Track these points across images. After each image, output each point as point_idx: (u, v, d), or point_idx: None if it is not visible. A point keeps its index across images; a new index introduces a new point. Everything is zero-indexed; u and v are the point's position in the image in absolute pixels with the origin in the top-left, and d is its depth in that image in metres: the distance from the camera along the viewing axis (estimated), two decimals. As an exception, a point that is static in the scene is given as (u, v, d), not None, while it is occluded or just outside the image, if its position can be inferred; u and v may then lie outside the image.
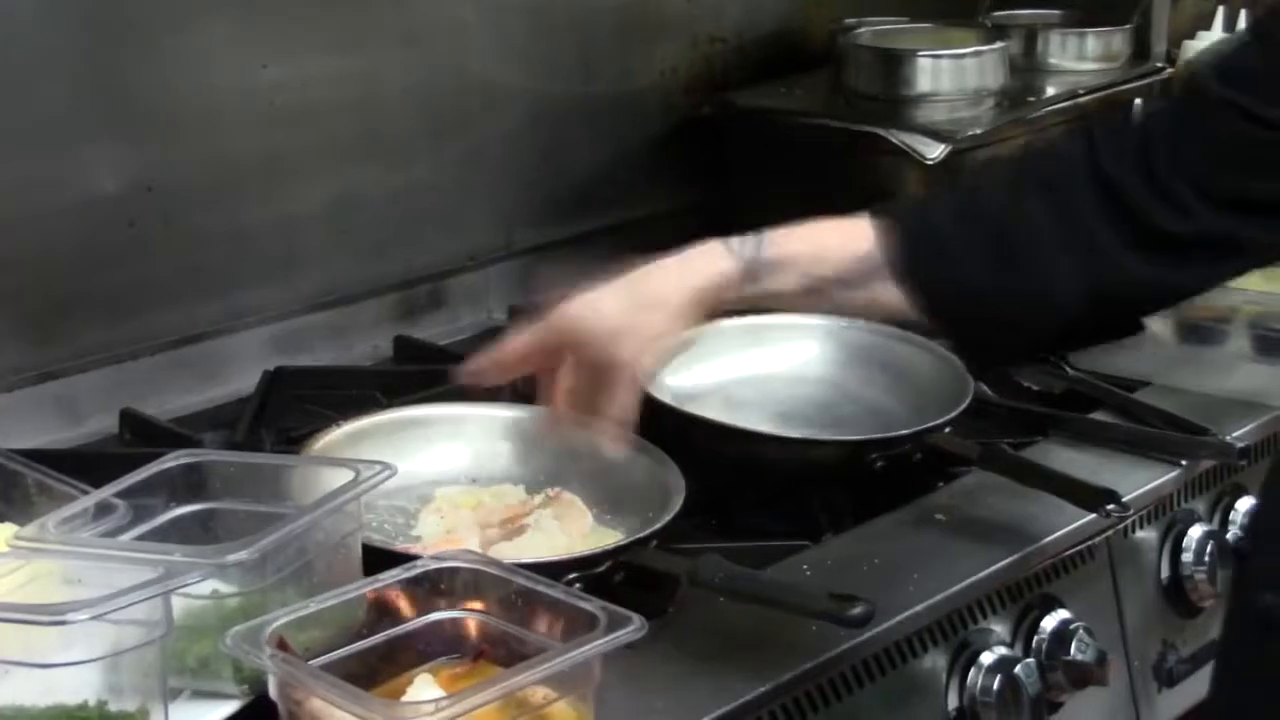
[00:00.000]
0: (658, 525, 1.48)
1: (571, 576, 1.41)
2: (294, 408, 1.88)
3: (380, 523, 1.55)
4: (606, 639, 1.19)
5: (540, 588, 1.26)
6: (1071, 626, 1.63)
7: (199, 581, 1.22)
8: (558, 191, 2.30)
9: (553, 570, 1.37)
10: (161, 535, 1.34)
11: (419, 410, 1.71)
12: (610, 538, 1.52)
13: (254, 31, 1.95)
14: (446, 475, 1.65)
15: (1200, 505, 1.84)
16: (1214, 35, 2.66)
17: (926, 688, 1.53)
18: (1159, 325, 1.94)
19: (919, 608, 1.49)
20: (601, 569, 1.45)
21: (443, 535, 1.54)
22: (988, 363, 1.74)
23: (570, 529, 1.55)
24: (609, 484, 1.59)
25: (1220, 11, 2.68)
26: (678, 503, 1.51)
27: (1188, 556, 1.80)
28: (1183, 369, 1.93)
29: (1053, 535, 1.62)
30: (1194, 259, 1.30)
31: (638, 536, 1.48)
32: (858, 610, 1.35)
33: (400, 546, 1.49)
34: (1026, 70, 2.53)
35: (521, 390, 1.58)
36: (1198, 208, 1.27)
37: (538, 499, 1.61)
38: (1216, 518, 1.85)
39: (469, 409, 1.70)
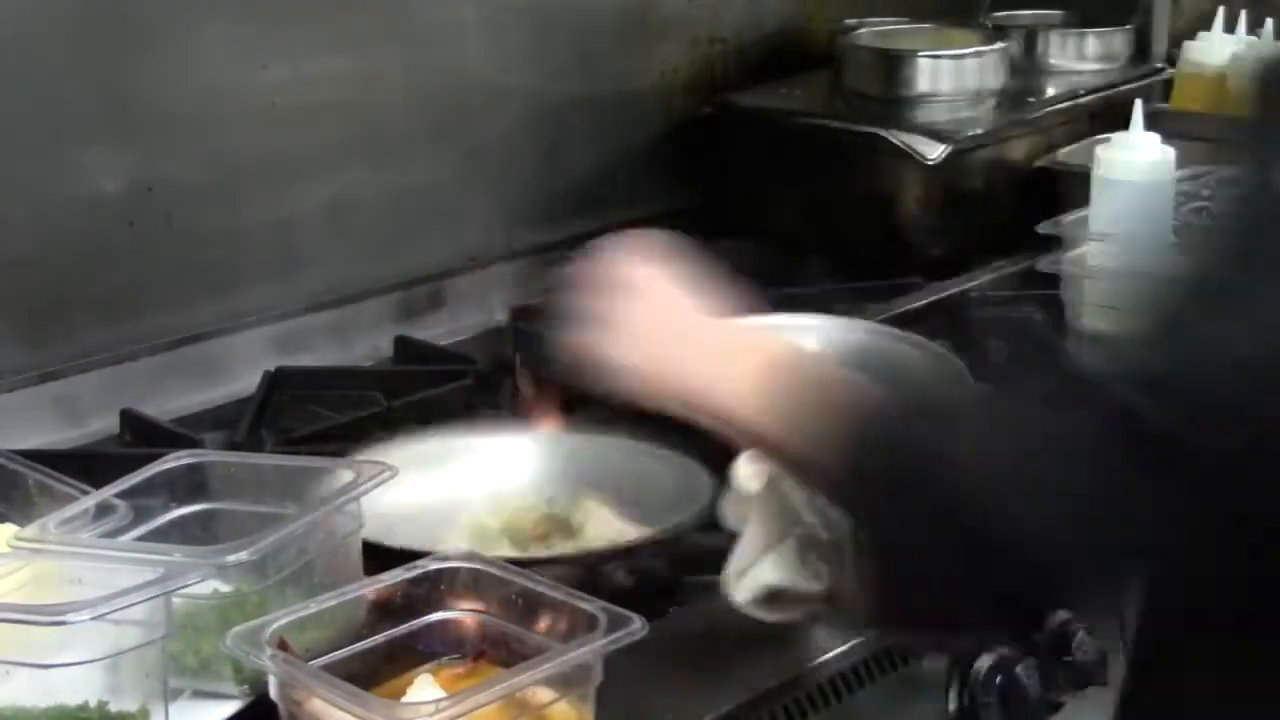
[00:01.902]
0: (698, 509, 1.49)
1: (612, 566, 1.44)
2: (294, 408, 1.88)
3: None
4: (606, 639, 1.19)
5: (540, 588, 1.26)
6: (1072, 627, 1.63)
7: (199, 581, 1.22)
8: (558, 191, 2.29)
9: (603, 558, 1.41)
10: (162, 535, 1.34)
11: (431, 444, 1.66)
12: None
13: (254, 31, 1.95)
14: (469, 502, 1.62)
15: (1200, 505, 1.84)
16: (1215, 35, 2.66)
17: (926, 688, 1.53)
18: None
19: (919, 608, 1.49)
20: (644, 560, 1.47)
21: None
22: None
23: (601, 533, 1.56)
24: (634, 492, 1.59)
25: (1220, 11, 2.68)
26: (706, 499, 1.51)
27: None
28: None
29: (1053, 535, 1.62)
30: None
31: (683, 523, 1.49)
32: None
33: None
34: (1026, 71, 2.54)
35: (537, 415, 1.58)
36: None
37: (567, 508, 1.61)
38: (1217, 518, 1.85)
39: (484, 439, 1.69)
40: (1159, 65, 2.65)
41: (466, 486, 1.63)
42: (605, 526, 1.56)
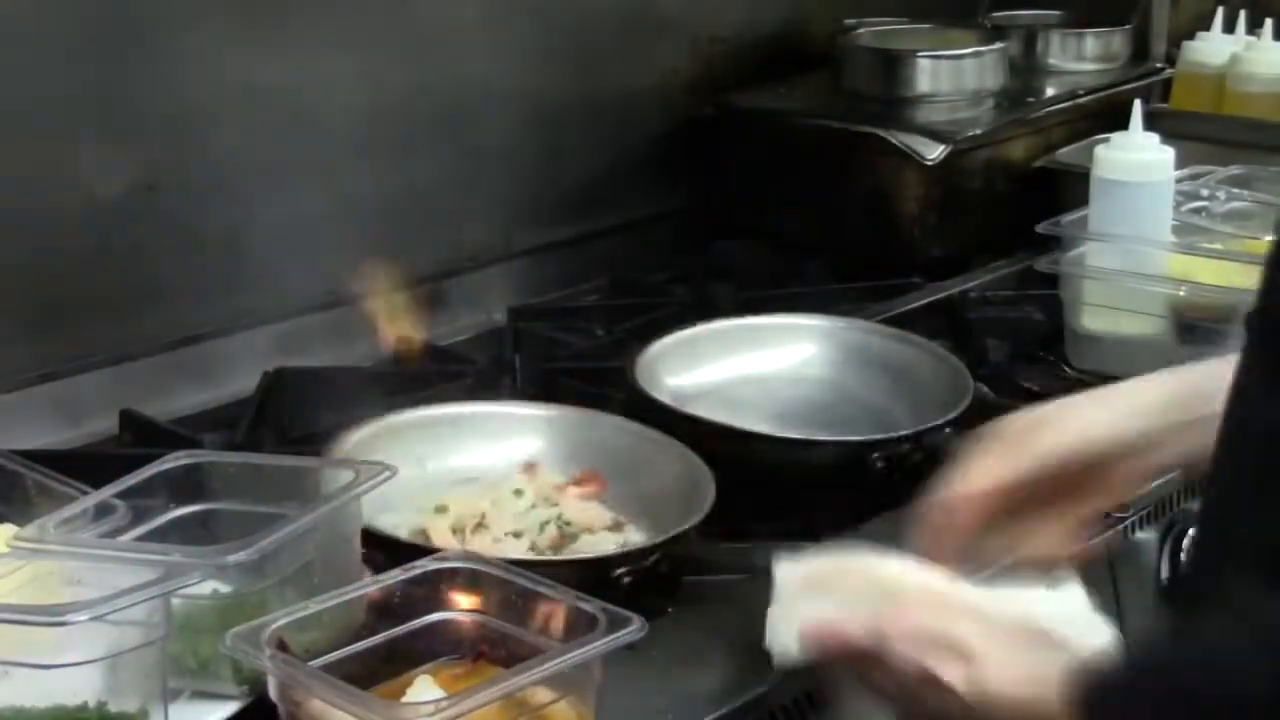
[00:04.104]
0: (696, 519, 1.49)
1: (620, 571, 1.42)
2: (294, 408, 1.88)
3: (396, 525, 1.53)
4: (606, 639, 1.19)
5: (540, 588, 1.26)
6: (1071, 627, 1.63)
7: (199, 582, 1.22)
8: (558, 191, 2.30)
9: (603, 565, 1.40)
10: (161, 536, 1.34)
11: (443, 409, 1.69)
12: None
13: (254, 31, 1.95)
14: (463, 473, 1.64)
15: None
16: (1214, 35, 2.66)
17: (926, 688, 1.53)
18: (1158, 325, 1.94)
19: (919, 608, 1.49)
20: (649, 562, 1.45)
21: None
22: None
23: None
24: (634, 484, 1.60)
25: (1220, 11, 2.68)
26: (708, 498, 1.52)
27: (1188, 557, 1.79)
28: (1183, 369, 1.93)
29: (1053, 536, 1.62)
30: None
31: (681, 530, 1.48)
32: None
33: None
34: (1026, 71, 2.54)
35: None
36: None
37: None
38: (1216, 518, 1.85)
39: (495, 407, 1.71)
40: (1158, 65, 2.65)
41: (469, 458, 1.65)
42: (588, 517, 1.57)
